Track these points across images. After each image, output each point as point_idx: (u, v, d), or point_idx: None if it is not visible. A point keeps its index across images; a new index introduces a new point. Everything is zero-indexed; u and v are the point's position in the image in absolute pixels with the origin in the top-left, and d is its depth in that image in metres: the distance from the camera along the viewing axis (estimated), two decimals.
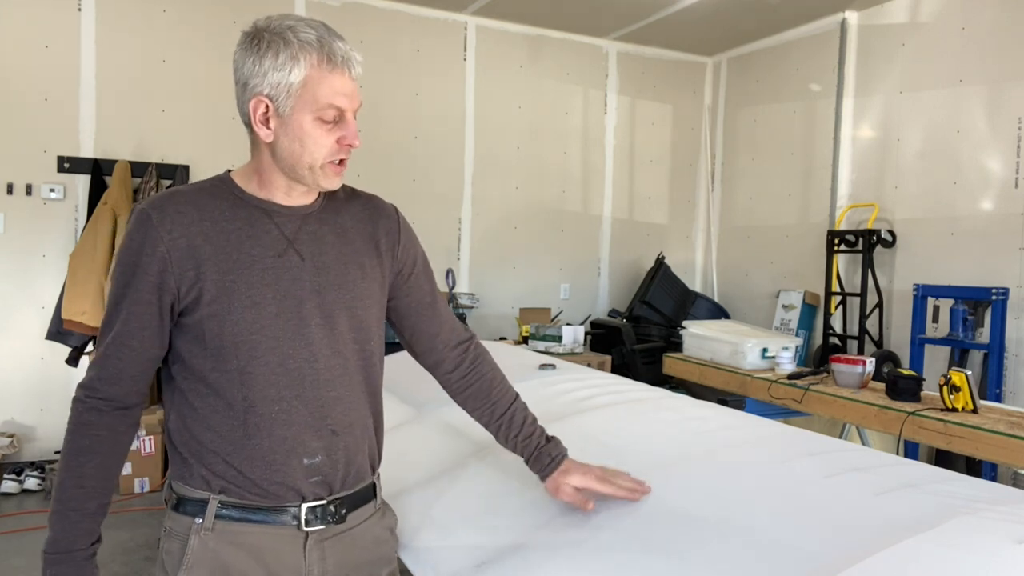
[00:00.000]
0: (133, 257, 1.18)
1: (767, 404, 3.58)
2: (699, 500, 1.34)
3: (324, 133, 1.19)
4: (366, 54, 5.97)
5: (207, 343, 1.19)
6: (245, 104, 1.20)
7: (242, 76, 1.19)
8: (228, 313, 1.18)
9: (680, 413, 1.86)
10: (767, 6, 5.20)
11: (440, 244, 5.61)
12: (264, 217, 1.24)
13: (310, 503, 1.23)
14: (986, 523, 1.13)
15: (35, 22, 4.44)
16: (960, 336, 4.26)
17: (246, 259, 1.20)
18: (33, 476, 4.19)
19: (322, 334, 1.24)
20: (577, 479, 1.34)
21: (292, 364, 1.21)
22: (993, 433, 2.61)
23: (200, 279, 1.17)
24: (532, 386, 2.15)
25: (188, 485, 1.23)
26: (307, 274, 1.24)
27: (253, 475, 1.21)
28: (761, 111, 6.06)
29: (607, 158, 6.21)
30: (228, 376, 1.19)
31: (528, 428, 1.41)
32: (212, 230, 1.19)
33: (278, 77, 1.16)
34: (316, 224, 1.28)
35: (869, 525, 1.16)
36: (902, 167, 4.91)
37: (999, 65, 4.35)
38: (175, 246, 1.17)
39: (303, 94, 1.17)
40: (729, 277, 6.37)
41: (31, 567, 3.18)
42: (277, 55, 1.15)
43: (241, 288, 1.19)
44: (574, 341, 4.82)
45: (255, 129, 1.20)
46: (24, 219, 4.47)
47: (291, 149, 1.20)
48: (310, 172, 1.21)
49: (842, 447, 1.67)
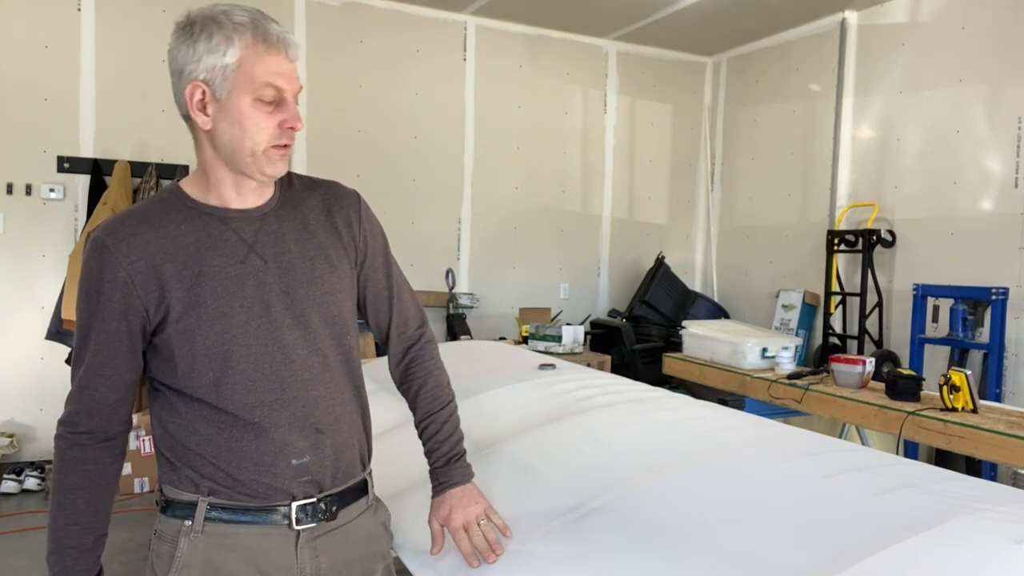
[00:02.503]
0: (94, 285, 1.16)
1: (767, 404, 3.58)
2: (698, 501, 1.34)
3: (264, 116, 1.16)
4: (366, 54, 5.91)
5: (178, 360, 1.17)
6: (181, 94, 1.17)
7: (177, 65, 1.16)
8: (197, 327, 1.16)
9: (679, 413, 1.86)
10: (767, 6, 5.20)
11: (440, 244, 5.61)
12: (220, 225, 1.21)
13: (300, 501, 1.23)
14: (986, 523, 1.13)
15: (35, 22, 4.44)
16: (960, 336, 4.26)
17: (208, 270, 1.18)
18: (33, 476, 4.18)
19: (296, 335, 1.22)
20: (439, 516, 1.34)
21: (268, 368, 1.20)
22: (993, 433, 2.61)
23: (165, 297, 1.16)
24: (531, 386, 2.15)
25: (176, 488, 1.22)
26: (272, 276, 1.22)
27: (242, 477, 1.20)
28: (761, 111, 6.06)
29: (607, 158, 6.20)
30: (205, 388, 1.18)
31: (433, 445, 1.37)
32: (170, 247, 1.17)
33: (212, 60, 1.13)
34: (275, 224, 1.25)
35: (869, 525, 1.16)
36: (902, 167, 4.91)
37: (999, 65, 4.34)
38: (135, 269, 1.15)
39: (239, 76, 1.14)
40: (729, 277, 6.36)
41: (31, 567, 3.18)
42: (211, 38, 1.13)
43: (207, 300, 1.17)
44: (574, 341, 4.81)
45: (193, 117, 1.17)
46: (24, 219, 4.47)
47: (231, 135, 1.16)
48: (252, 159, 1.17)
49: (841, 447, 1.67)
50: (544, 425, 1.80)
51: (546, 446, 1.66)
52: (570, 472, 1.53)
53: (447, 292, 5.46)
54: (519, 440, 1.73)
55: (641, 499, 1.36)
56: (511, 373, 2.28)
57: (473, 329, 5.38)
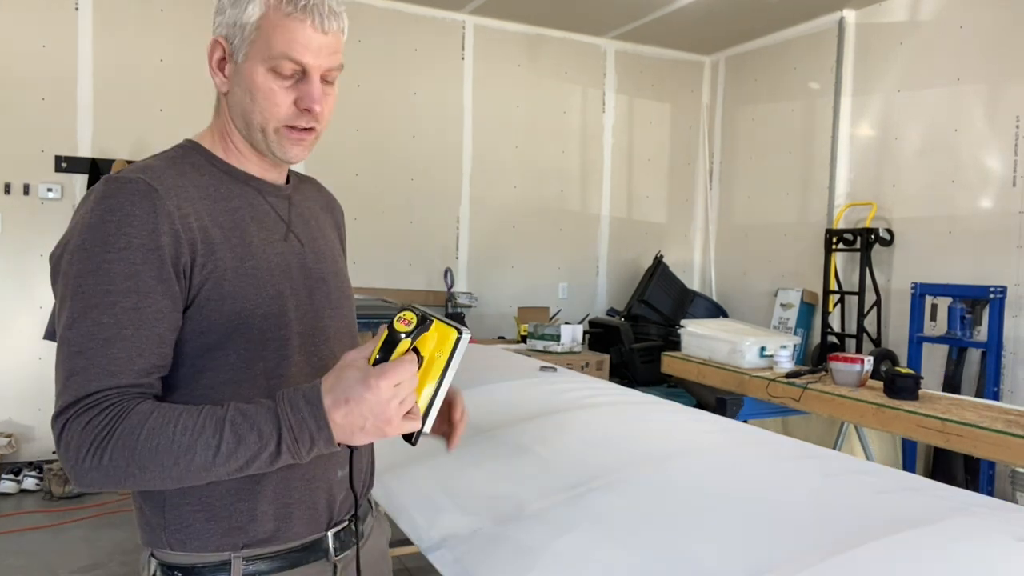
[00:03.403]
0: (136, 232, 0.90)
1: (765, 403, 3.58)
2: (697, 490, 1.34)
3: (279, 89, 0.99)
4: (365, 53, 5.92)
5: (231, 345, 0.96)
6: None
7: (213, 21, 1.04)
8: (256, 306, 0.98)
9: (680, 415, 1.88)
10: (765, 5, 5.20)
11: (438, 243, 5.60)
12: (257, 195, 1.06)
13: (335, 528, 1.07)
14: (986, 523, 1.14)
15: (32, 22, 4.43)
16: (958, 334, 4.27)
17: (258, 243, 1.01)
18: (31, 476, 4.18)
19: (336, 325, 1.10)
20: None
21: (318, 361, 1.05)
22: (991, 431, 2.61)
23: (218, 267, 0.96)
24: (531, 383, 2.16)
25: (187, 550, 0.97)
26: (310, 261, 1.08)
27: (290, 506, 1.01)
28: (759, 110, 6.06)
29: (605, 157, 6.21)
30: (253, 382, 0.98)
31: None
32: (214, 209, 0.99)
33: (233, 15, 0.99)
34: (298, 205, 1.12)
35: (869, 517, 1.17)
36: (900, 166, 4.91)
37: (998, 63, 4.35)
38: (187, 226, 0.94)
39: (257, 39, 0.97)
40: (727, 276, 6.37)
41: (30, 567, 3.18)
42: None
43: (264, 277, 1.00)
44: (572, 340, 4.81)
45: (212, 77, 1.03)
46: (22, 219, 4.46)
47: (242, 103, 1.01)
48: (263, 136, 1.02)
49: (840, 456, 1.68)
50: (543, 416, 1.81)
51: (545, 434, 1.67)
52: (569, 457, 1.54)
53: (445, 291, 5.46)
54: (519, 426, 1.74)
55: (641, 484, 1.36)
56: (512, 372, 2.29)
57: (472, 328, 5.34)
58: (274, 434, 0.85)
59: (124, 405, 0.87)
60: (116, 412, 0.86)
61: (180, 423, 0.86)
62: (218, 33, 1.01)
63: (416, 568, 3.11)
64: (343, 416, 0.85)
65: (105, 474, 0.86)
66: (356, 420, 0.85)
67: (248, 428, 0.85)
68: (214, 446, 0.85)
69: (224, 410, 0.87)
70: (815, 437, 3.85)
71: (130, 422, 0.86)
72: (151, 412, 0.87)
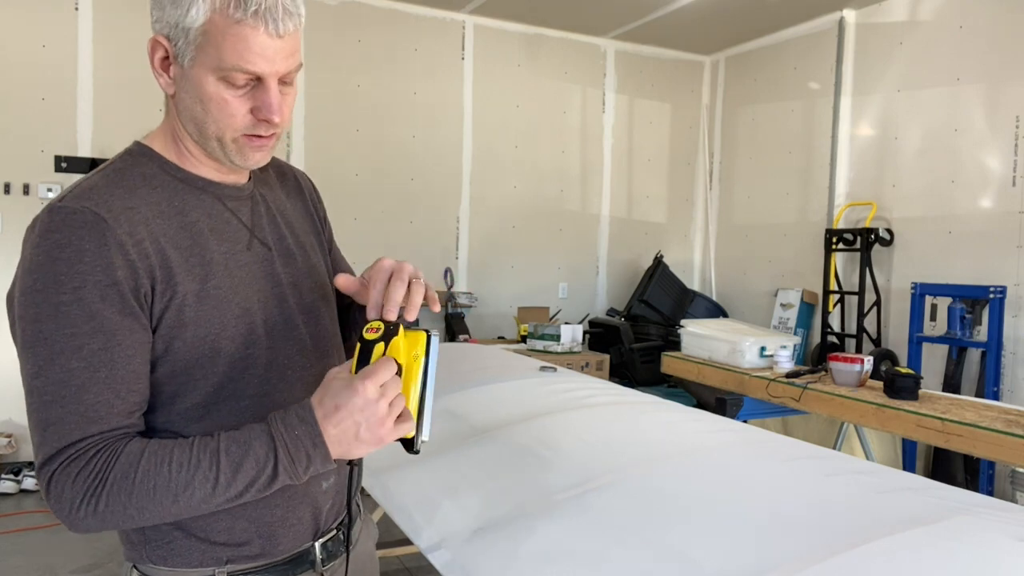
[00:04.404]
0: (88, 269, 0.84)
1: (765, 403, 3.58)
2: (697, 488, 1.34)
3: (232, 99, 0.90)
4: (364, 53, 5.91)
5: (199, 371, 0.93)
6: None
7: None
8: (222, 330, 0.93)
9: (680, 415, 1.88)
10: (765, 5, 5.20)
11: (438, 243, 5.60)
12: (215, 203, 0.98)
13: (323, 539, 1.05)
14: (987, 523, 1.14)
15: (32, 22, 4.43)
16: (958, 334, 4.27)
17: (219, 258, 0.94)
18: (31, 476, 4.18)
19: (310, 332, 1.04)
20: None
21: (292, 375, 1.01)
22: (991, 431, 2.61)
23: (177, 292, 0.90)
24: (532, 383, 2.16)
25: (168, 565, 0.97)
26: (279, 266, 1.02)
27: (272, 520, 0.98)
28: (759, 110, 6.06)
29: (605, 157, 6.21)
30: (230, 402, 0.95)
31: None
32: (168, 228, 0.92)
33: (175, 16, 0.87)
34: (263, 204, 1.04)
35: (870, 517, 1.17)
36: (900, 165, 4.91)
37: (997, 63, 4.35)
38: (143, 252, 0.88)
39: (204, 44, 0.87)
40: (727, 276, 6.37)
41: (30, 567, 3.18)
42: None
43: (227, 295, 0.94)
44: (572, 340, 4.82)
45: (156, 78, 0.93)
46: (21, 219, 4.46)
47: (192, 111, 0.92)
48: (219, 145, 0.93)
49: (842, 457, 1.68)
50: (543, 416, 1.81)
51: (545, 434, 1.68)
52: (569, 457, 1.54)
53: (446, 291, 5.46)
54: (519, 426, 1.74)
55: (641, 484, 1.36)
56: (512, 372, 2.29)
57: (472, 328, 5.38)
58: (270, 456, 0.85)
59: (112, 448, 0.85)
60: (105, 458, 0.85)
61: (174, 460, 0.84)
62: (158, 31, 0.90)
63: (416, 568, 3.11)
64: (336, 425, 0.85)
65: (102, 520, 0.85)
66: (350, 427, 0.85)
67: (243, 454, 0.85)
68: (212, 479, 0.84)
69: (216, 440, 0.86)
70: (815, 437, 3.85)
71: (122, 466, 0.84)
72: (142, 452, 0.85)
